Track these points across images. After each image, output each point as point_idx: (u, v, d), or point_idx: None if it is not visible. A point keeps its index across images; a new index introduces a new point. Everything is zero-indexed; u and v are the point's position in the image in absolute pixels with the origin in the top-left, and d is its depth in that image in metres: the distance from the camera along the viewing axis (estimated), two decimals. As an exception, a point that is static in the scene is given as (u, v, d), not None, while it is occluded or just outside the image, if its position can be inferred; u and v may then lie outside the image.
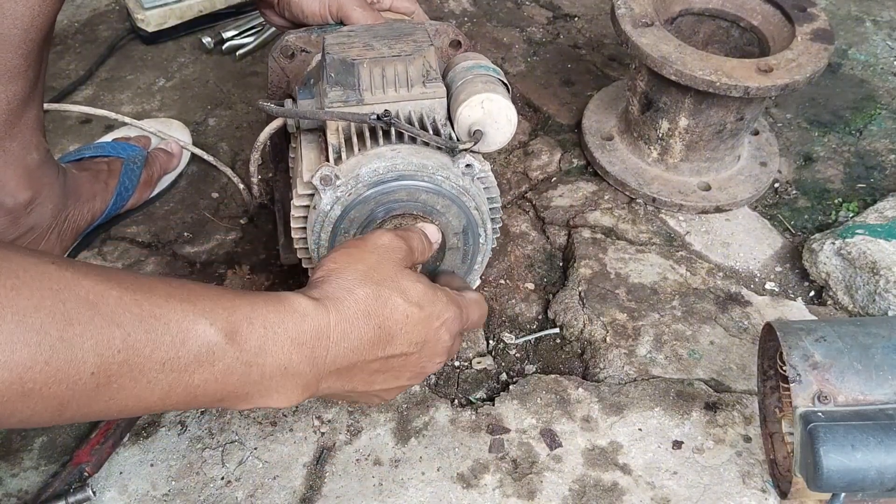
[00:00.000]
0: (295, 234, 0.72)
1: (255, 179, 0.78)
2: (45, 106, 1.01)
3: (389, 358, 0.58)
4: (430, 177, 0.66)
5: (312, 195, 0.68)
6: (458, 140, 0.70)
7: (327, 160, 0.68)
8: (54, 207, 0.86)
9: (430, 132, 0.68)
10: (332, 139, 0.69)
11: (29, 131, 0.79)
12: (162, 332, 0.46)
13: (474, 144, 0.69)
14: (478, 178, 0.70)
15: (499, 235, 0.78)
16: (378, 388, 0.60)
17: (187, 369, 0.47)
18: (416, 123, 0.69)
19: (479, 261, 0.75)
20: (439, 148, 0.69)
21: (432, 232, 0.68)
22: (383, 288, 0.56)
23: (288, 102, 0.72)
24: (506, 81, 0.74)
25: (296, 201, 0.69)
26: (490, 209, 0.73)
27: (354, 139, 0.68)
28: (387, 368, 0.59)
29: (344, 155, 0.67)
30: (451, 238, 0.72)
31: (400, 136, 0.68)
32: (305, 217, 0.70)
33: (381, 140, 0.68)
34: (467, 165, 0.68)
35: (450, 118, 0.72)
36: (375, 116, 0.66)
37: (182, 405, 0.49)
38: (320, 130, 0.73)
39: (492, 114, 0.70)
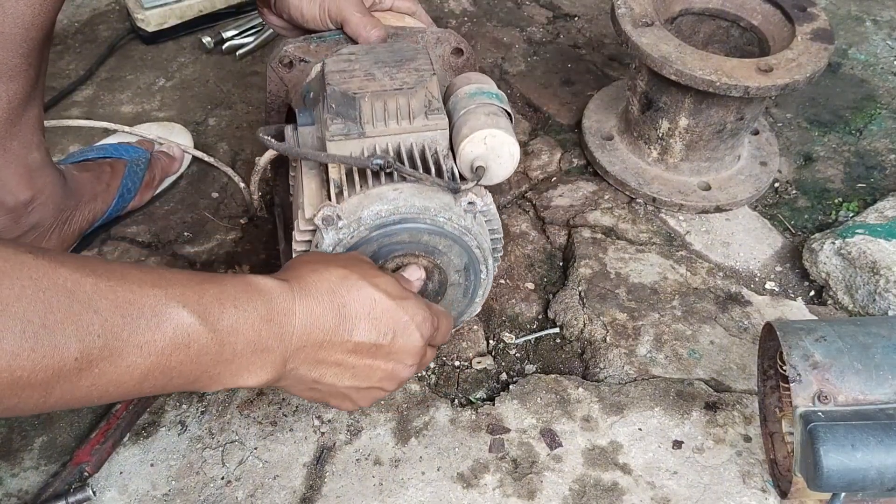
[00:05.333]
0: None
1: (255, 197, 0.78)
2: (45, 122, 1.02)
3: (357, 346, 0.58)
4: (432, 219, 0.66)
5: (315, 230, 0.68)
6: (459, 178, 0.69)
7: (328, 195, 0.67)
8: (55, 207, 0.86)
9: (432, 165, 0.68)
10: (333, 173, 0.68)
11: (30, 130, 0.79)
12: (137, 315, 0.47)
13: (477, 183, 0.68)
14: (480, 212, 0.69)
15: (500, 263, 0.78)
16: (349, 383, 0.60)
17: (164, 351, 0.49)
18: (418, 156, 0.68)
19: (480, 294, 0.75)
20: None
21: (412, 272, 0.69)
22: (352, 273, 0.58)
23: (288, 129, 0.71)
24: (509, 109, 0.73)
25: (297, 236, 0.68)
26: (492, 239, 0.72)
27: (356, 175, 0.67)
28: (356, 362, 0.59)
29: (346, 192, 0.66)
30: (453, 275, 0.71)
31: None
32: (307, 251, 0.70)
33: (382, 177, 0.67)
34: (470, 203, 0.67)
35: (451, 148, 0.71)
36: (378, 163, 0.65)
37: (159, 388, 0.51)
38: None
39: (494, 149, 0.69)
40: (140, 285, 0.48)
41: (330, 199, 0.67)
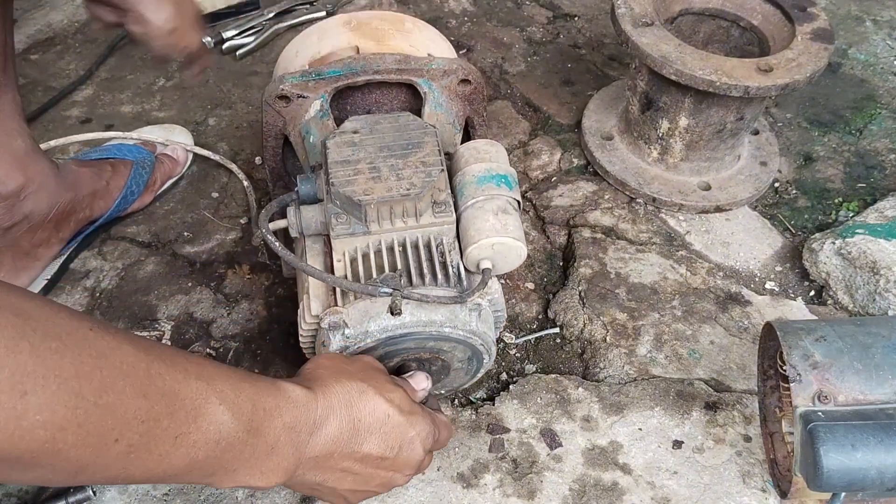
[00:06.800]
0: (305, 350, 0.72)
1: (257, 245, 0.78)
2: (52, 142, 1.02)
3: (365, 457, 0.60)
4: (437, 330, 0.66)
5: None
6: (465, 270, 0.69)
7: (334, 292, 0.67)
8: (49, 197, 0.85)
9: (437, 261, 0.67)
10: (338, 269, 0.67)
11: (7, 117, 0.79)
12: (178, 406, 0.48)
13: (484, 288, 0.68)
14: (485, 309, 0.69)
15: (501, 329, 0.79)
16: (348, 487, 0.62)
17: (195, 444, 0.49)
18: (423, 250, 0.68)
19: (482, 371, 0.75)
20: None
21: (419, 381, 0.69)
22: (369, 387, 0.60)
23: (291, 211, 0.70)
24: (518, 197, 0.71)
25: (303, 326, 0.68)
26: (496, 317, 0.72)
27: (362, 275, 0.67)
28: (360, 470, 0.61)
29: (352, 294, 0.66)
30: (457, 364, 0.72)
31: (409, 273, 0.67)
32: (313, 339, 0.70)
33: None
34: (476, 303, 0.67)
35: (458, 237, 0.70)
36: (385, 293, 0.64)
37: (177, 479, 0.51)
38: (326, 237, 0.70)
39: (501, 253, 0.69)
40: (185, 375, 0.49)
41: (335, 296, 0.67)
